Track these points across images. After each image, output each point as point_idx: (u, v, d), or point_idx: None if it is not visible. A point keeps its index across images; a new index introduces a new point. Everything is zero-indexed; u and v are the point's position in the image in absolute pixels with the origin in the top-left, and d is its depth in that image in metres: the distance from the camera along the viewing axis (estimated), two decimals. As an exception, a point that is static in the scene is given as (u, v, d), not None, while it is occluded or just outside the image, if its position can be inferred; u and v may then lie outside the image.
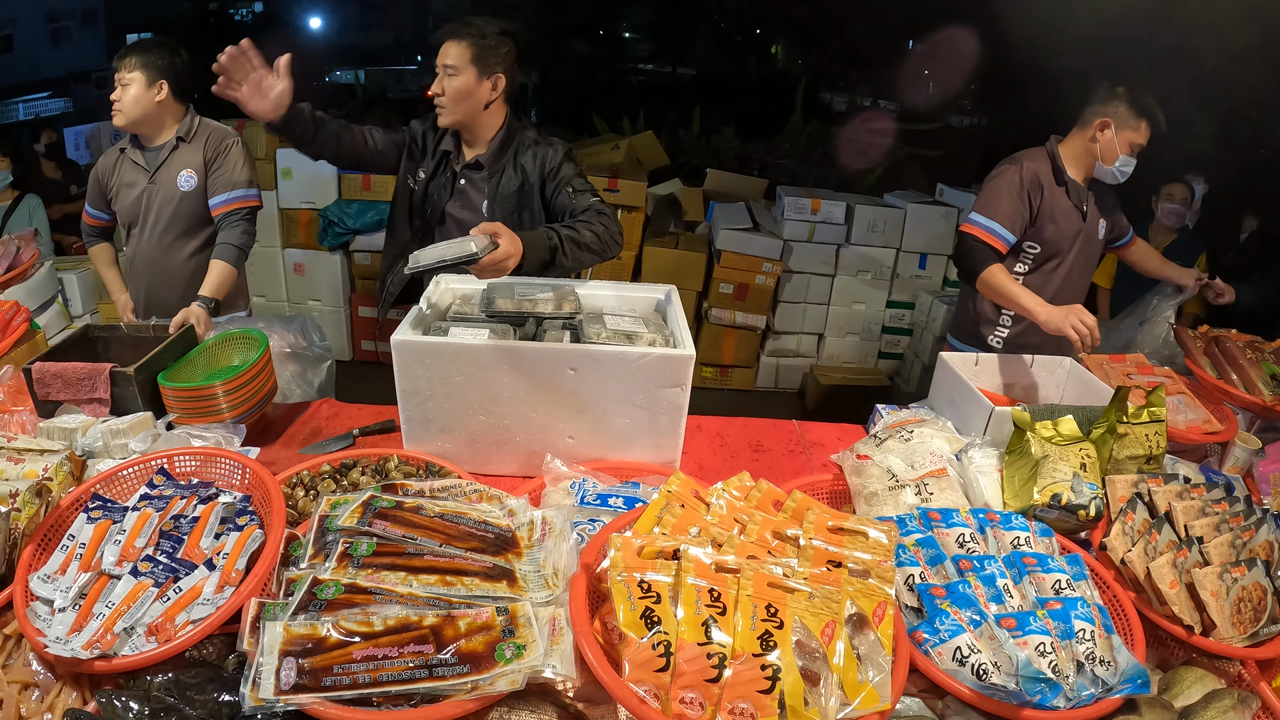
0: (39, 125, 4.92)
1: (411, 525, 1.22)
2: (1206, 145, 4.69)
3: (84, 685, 1.12)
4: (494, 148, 2.18)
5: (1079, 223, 2.41)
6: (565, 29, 10.53)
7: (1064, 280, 2.45)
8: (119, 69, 2.30)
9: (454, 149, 2.22)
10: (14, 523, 1.24)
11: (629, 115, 6.75)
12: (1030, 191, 2.35)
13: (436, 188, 2.23)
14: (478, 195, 2.22)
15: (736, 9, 10.82)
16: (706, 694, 0.95)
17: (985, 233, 2.33)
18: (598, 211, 2.07)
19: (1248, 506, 1.49)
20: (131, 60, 2.29)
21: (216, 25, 10.74)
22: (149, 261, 2.45)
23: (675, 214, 5.23)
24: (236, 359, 1.97)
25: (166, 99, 2.35)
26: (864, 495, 1.53)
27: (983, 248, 2.33)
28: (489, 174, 2.19)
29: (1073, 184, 2.39)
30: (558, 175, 2.16)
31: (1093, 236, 2.46)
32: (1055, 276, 2.44)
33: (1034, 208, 2.35)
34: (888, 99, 9.55)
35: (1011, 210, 2.33)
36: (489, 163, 2.19)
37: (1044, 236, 2.38)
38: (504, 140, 2.18)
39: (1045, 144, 2.45)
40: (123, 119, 2.32)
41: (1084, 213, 2.41)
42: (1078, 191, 2.40)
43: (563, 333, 1.78)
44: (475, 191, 2.22)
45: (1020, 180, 2.35)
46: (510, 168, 2.18)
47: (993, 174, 2.42)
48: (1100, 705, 1.09)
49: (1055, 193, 2.37)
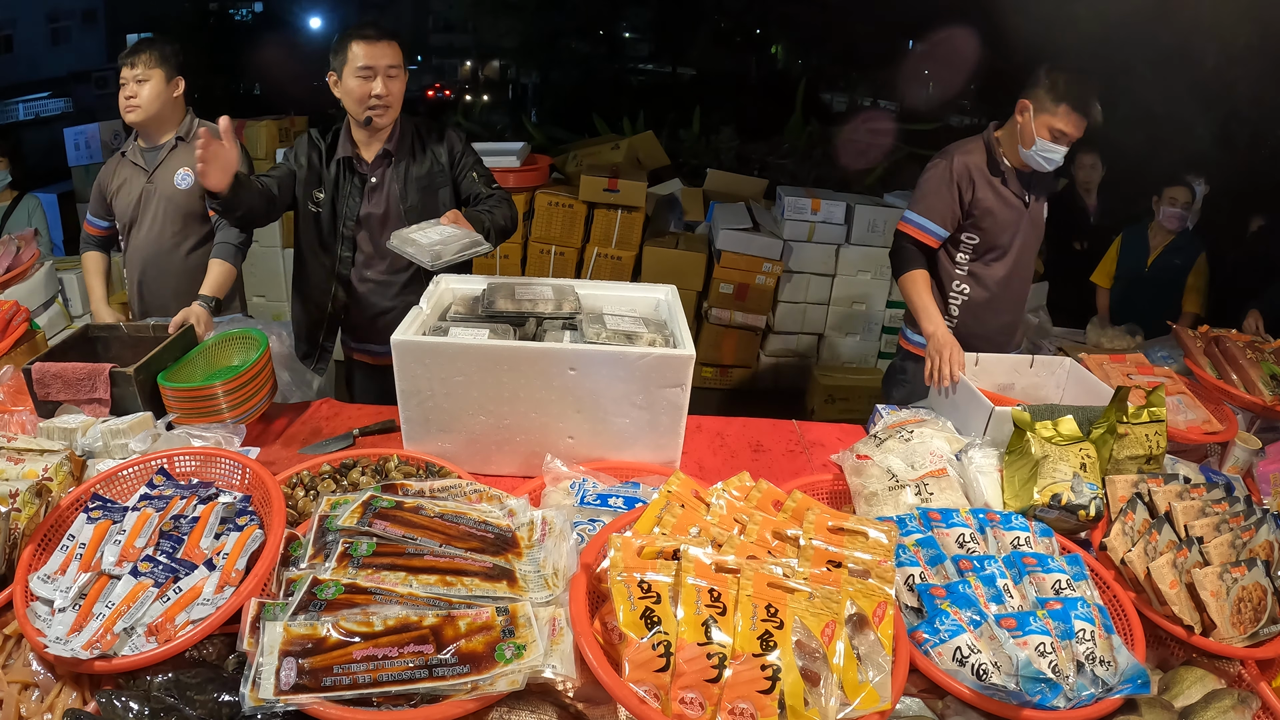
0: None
1: (411, 525, 1.22)
2: (1207, 146, 4.69)
3: (84, 685, 1.12)
4: (397, 137, 2.23)
5: (1020, 211, 2.34)
6: (565, 29, 10.53)
7: (1009, 271, 2.38)
8: (133, 65, 2.30)
9: (352, 152, 2.23)
10: (14, 523, 1.24)
11: (629, 115, 6.75)
12: (961, 184, 2.30)
13: (343, 198, 2.23)
14: (392, 185, 2.23)
15: (736, 9, 10.83)
16: (706, 694, 0.95)
17: (916, 229, 2.32)
18: (502, 199, 2.23)
19: (1248, 506, 1.49)
20: (150, 56, 2.30)
21: (216, 25, 10.75)
22: (147, 260, 2.45)
23: (675, 214, 5.23)
24: (236, 359, 1.97)
25: (180, 96, 2.38)
26: (864, 495, 1.53)
27: (911, 247, 2.31)
28: (396, 162, 2.23)
29: (1010, 172, 2.32)
30: (462, 160, 2.28)
31: (1033, 227, 2.39)
32: (998, 267, 2.37)
33: (965, 200, 2.31)
34: (888, 99, 9.55)
35: (941, 205, 2.30)
36: (396, 150, 2.23)
37: (982, 227, 2.33)
38: (403, 128, 2.24)
39: (983, 132, 2.39)
40: (140, 114, 2.32)
41: (1026, 201, 2.34)
42: (1017, 180, 2.33)
43: (563, 333, 1.78)
44: (387, 183, 2.24)
45: (950, 174, 2.30)
46: (419, 152, 2.25)
47: (926, 168, 2.38)
48: (1100, 705, 1.09)
49: (991, 182, 2.31)
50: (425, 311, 1.81)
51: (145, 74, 2.30)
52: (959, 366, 1.99)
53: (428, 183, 2.25)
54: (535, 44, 10.25)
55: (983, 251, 2.37)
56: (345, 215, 2.24)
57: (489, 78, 13.16)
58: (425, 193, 2.24)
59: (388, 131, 2.21)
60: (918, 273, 2.25)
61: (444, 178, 2.27)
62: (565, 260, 4.78)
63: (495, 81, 12.89)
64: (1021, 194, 2.33)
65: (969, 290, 2.38)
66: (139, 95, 2.31)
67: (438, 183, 2.26)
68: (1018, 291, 2.44)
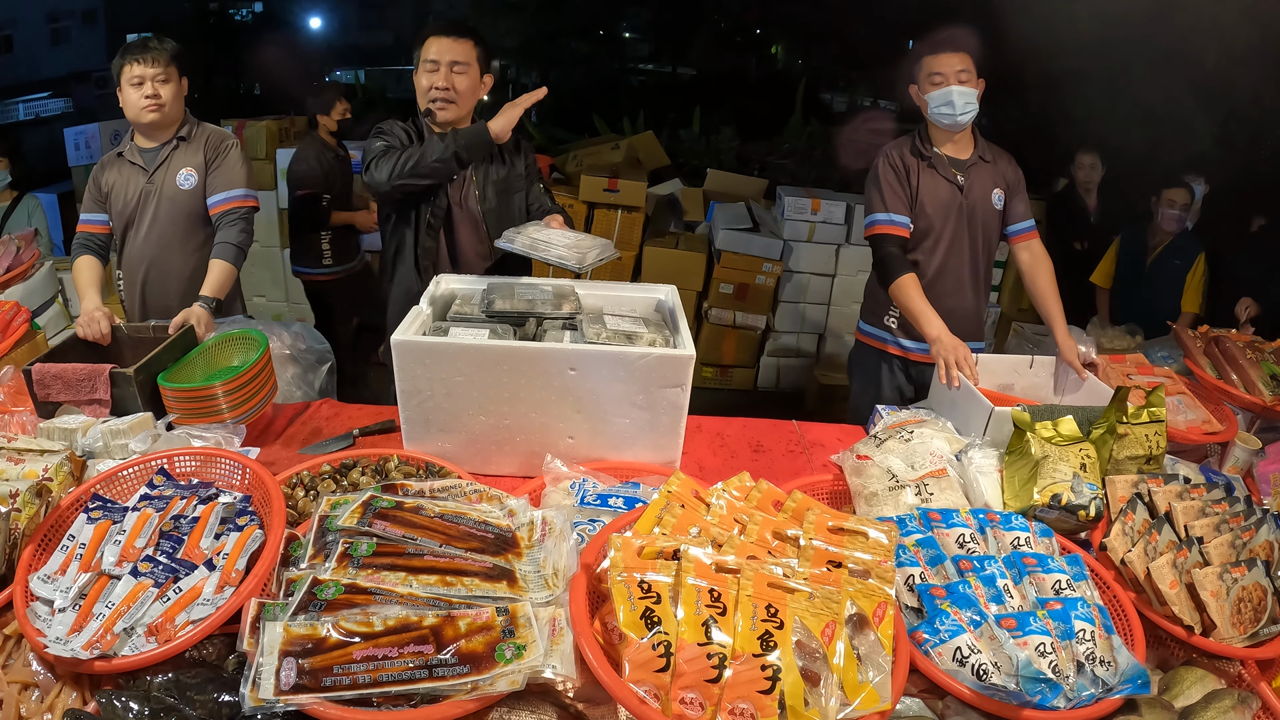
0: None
1: (411, 525, 1.22)
2: (1206, 145, 4.68)
3: (84, 685, 1.12)
4: None
5: (955, 197, 2.34)
6: (565, 29, 10.53)
7: (943, 259, 2.38)
8: (153, 63, 2.28)
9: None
10: (14, 523, 1.24)
11: (629, 115, 6.76)
12: (899, 172, 2.34)
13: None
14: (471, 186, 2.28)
15: (736, 9, 10.82)
16: (706, 694, 0.95)
17: (888, 226, 2.32)
18: (563, 210, 2.29)
19: (1248, 507, 1.49)
20: (164, 55, 2.29)
21: (216, 25, 10.75)
22: (146, 261, 2.44)
23: (675, 214, 5.23)
24: (236, 359, 1.97)
25: (185, 96, 2.39)
26: (864, 495, 1.53)
27: (894, 251, 2.30)
28: (476, 165, 2.25)
29: (937, 157, 2.34)
30: (531, 171, 2.36)
31: (976, 213, 2.36)
32: (935, 255, 2.37)
33: (909, 187, 2.34)
34: (888, 99, 9.55)
35: (892, 195, 2.32)
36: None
37: (914, 213, 2.35)
38: None
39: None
40: (162, 115, 2.31)
41: (960, 186, 2.34)
42: (946, 164, 2.34)
43: (563, 333, 1.78)
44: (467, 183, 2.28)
45: (889, 165, 2.35)
46: (497, 157, 2.29)
47: (869, 173, 2.41)
48: (1100, 705, 1.09)
49: (919, 166, 2.34)
50: (425, 311, 1.81)
51: (166, 74, 2.29)
52: (971, 365, 1.99)
53: (504, 187, 2.29)
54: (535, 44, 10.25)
55: (919, 240, 2.38)
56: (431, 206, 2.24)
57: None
58: (502, 196, 2.28)
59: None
60: (907, 278, 2.25)
61: (521, 184, 2.33)
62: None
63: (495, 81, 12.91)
64: (953, 177, 2.34)
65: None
66: (162, 95, 2.29)
67: (515, 188, 2.31)
68: (958, 278, 2.41)
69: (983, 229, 2.39)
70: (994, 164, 2.39)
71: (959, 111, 2.24)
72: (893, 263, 2.29)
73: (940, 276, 2.39)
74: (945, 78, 2.23)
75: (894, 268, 2.28)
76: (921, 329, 2.17)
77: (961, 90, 2.23)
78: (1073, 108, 5.33)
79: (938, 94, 2.25)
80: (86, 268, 2.36)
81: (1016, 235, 2.43)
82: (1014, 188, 2.41)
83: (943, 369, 2.01)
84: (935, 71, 2.24)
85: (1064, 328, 2.22)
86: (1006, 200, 2.41)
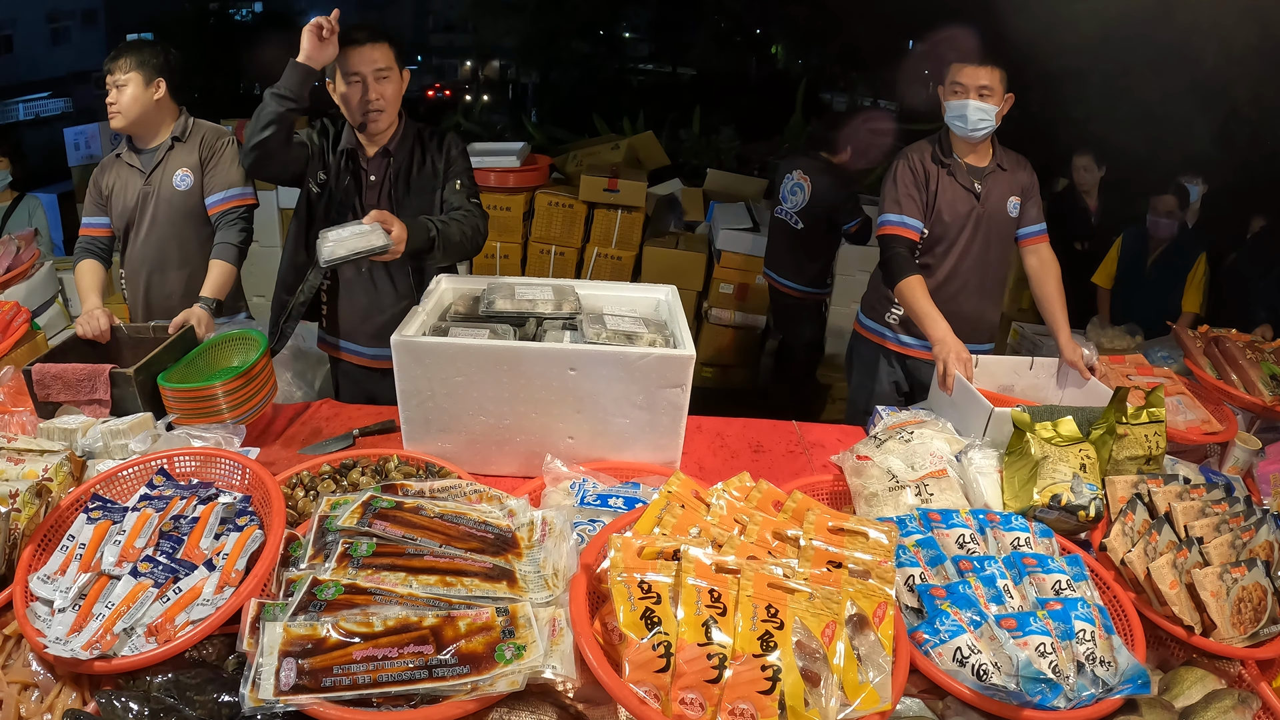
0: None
1: (411, 526, 1.22)
2: (1206, 145, 4.68)
3: (84, 685, 1.12)
4: (399, 138, 2.23)
5: (971, 204, 2.36)
6: (565, 29, 10.54)
7: (955, 264, 2.40)
8: (111, 70, 2.28)
9: (356, 145, 2.23)
10: (14, 523, 1.24)
11: (629, 115, 6.75)
12: (919, 176, 2.35)
13: (341, 188, 2.24)
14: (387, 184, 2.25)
15: (736, 9, 10.83)
16: (707, 694, 0.95)
17: (899, 228, 2.33)
18: (472, 213, 2.18)
19: (1248, 507, 1.49)
20: (126, 61, 2.28)
21: (216, 25, 10.75)
22: (148, 263, 2.44)
23: (675, 214, 5.23)
24: (236, 360, 1.97)
25: (164, 98, 2.34)
26: (864, 496, 1.53)
27: (901, 252, 2.31)
28: (395, 162, 2.23)
29: (956, 164, 2.35)
30: (451, 167, 2.26)
31: (992, 221, 2.39)
32: (947, 260, 2.40)
33: (927, 192, 2.35)
34: (888, 99, 9.56)
35: (907, 199, 2.34)
36: (396, 151, 2.23)
37: (930, 220, 2.37)
38: (405, 129, 2.25)
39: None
40: (122, 120, 2.30)
41: (976, 194, 2.36)
42: (965, 171, 2.36)
43: (563, 333, 1.78)
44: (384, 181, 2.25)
45: (908, 167, 2.36)
46: (418, 155, 2.25)
47: (887, 173, 2.43)
48: (1100, 705, 1.09)
49: (939, 174, 2.36)
50: (425, 311, 1.81)
51: (123, 78, 2.27)
52: (969, 367, 1.99)
53: (422, 185, 2.25)
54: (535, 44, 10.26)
55: (931, 245, 2.40)
56: (340, 205, 2.24)
57: (489, 78, 13.18)
58: (419, 194, 2.24)
59: (390, 131, 2.22)
60: (914, 279, 2.26)
61: (438, 182, 2.27)
62: (565, 260, 4.78)
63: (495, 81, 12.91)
64: (970, 185, 2.36)
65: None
66: (119, 100, 2.28)
67: (430, 186, 2.26)
68: (969, 283, 2.43)
69: (997, 236, 2.42)
70: (1011, 172, 2.41)
71: (971, 127, 2.26)
72: (900, 263, 2.30)
73: (951, 281, 2.40)
74: (965, 90, 2.24)
75: (901, 268, 2.28)
76: (925, 330, 2.18)
77: (978, 106, 2.23)
78: (1073, 108, 5.34)
79: (955, 104, 2.27)
80: (88, 271, 2.36)
81: (1026, 239, 2.45)
82: (1028, 192, 2.43)
83: (940, 370, 2.02)
84: (958, 81, 2.25)
85: (1068, 334, 2.23)
86: (1021, 206, 2.43)
